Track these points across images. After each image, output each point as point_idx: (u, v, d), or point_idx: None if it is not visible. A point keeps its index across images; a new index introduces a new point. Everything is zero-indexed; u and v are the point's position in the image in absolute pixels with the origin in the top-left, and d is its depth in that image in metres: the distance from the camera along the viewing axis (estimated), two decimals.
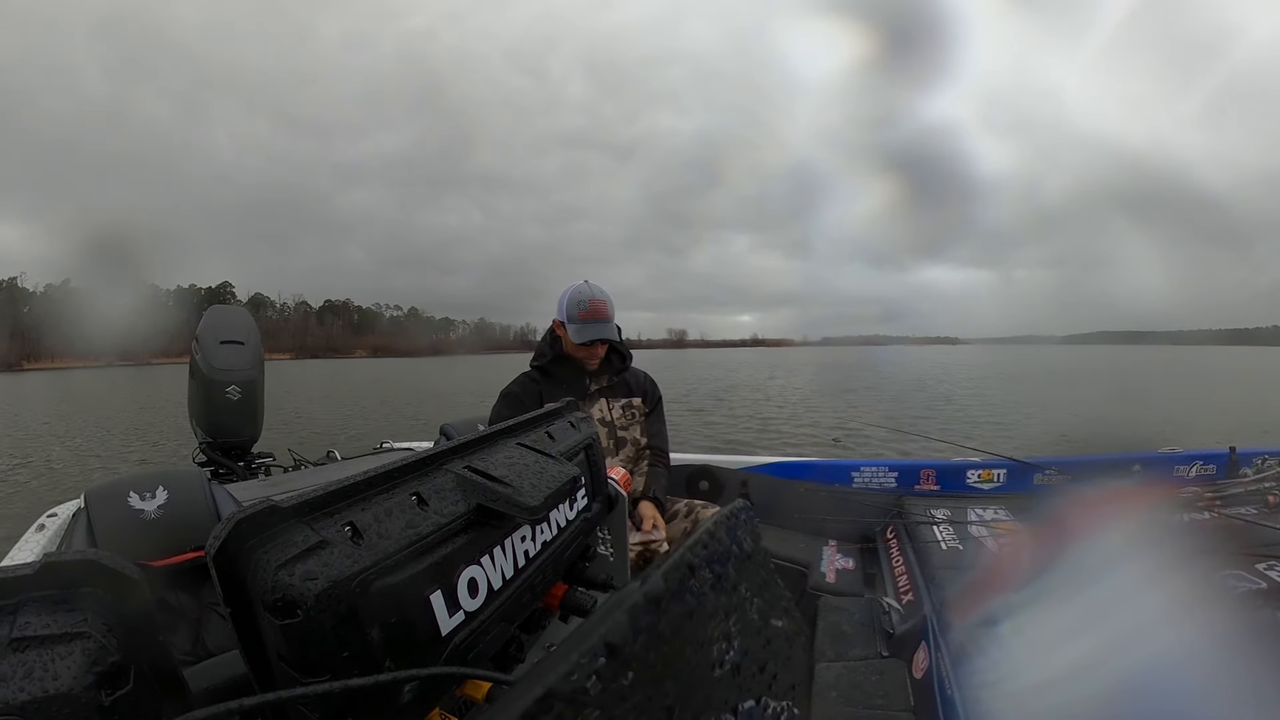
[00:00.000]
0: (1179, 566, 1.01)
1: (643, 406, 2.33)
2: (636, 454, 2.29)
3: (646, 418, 2.34)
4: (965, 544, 2.14)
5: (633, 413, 2.30)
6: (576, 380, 2.24)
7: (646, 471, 2.28)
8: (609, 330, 2.18)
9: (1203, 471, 2.70)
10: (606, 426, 2.25)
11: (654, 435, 2.36)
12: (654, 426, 2.36)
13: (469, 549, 0.60)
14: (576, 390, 2.21)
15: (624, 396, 2.30)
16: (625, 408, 2.29)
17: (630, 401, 2.31)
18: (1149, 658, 0.87)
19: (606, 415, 2.25)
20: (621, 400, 2.29)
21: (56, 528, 2.03)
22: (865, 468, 2.83)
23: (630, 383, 2.34)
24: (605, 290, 2.23)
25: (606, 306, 2.18)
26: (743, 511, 0.54)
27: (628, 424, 2.28)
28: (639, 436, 2.29)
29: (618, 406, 2.27)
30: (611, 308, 2.20)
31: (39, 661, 0.37)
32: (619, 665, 0.33)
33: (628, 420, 2.29)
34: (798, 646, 0.52)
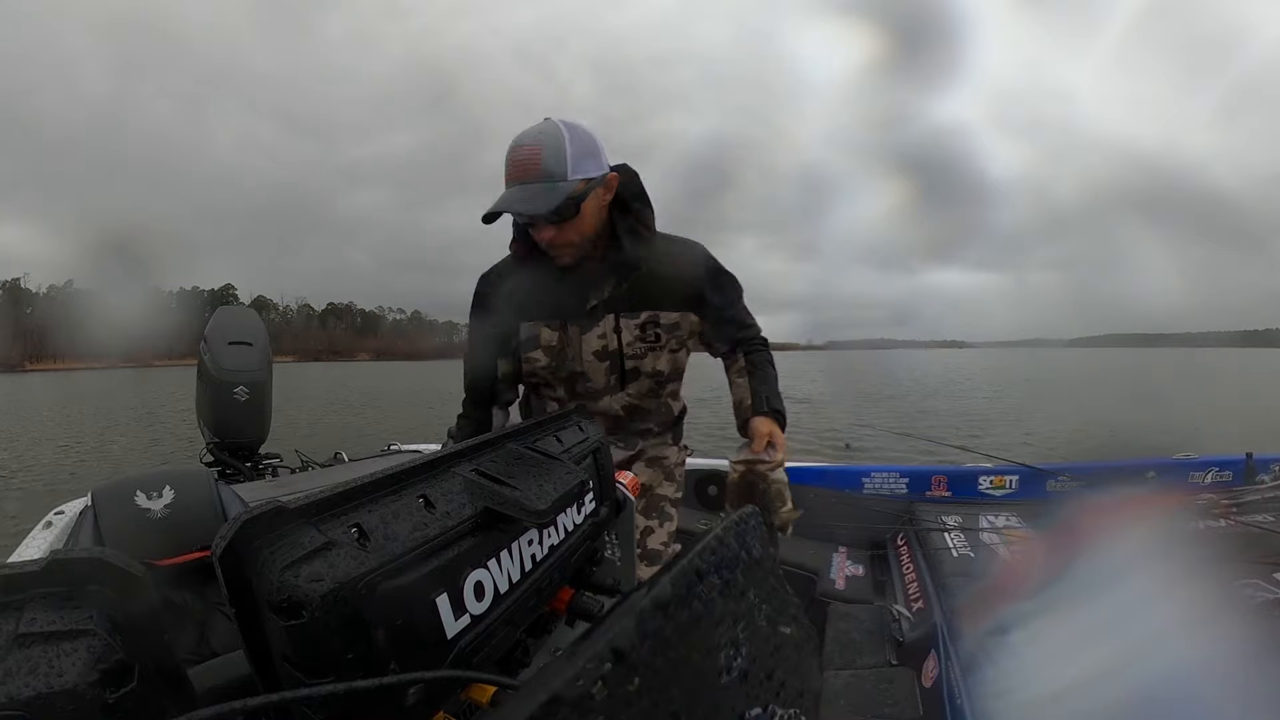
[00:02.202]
0: (1194, 575, 1.00)
1: (687, 321, 1.56)
2: (656, 386, 1.60)
3: (700, 328, 1.59)
4: (977, 551, 2.13)
5: (657, 332, 1.54)
6: (572, 288, 1.51)
7: (747, 371, 1.61)
8: (531, 201, 1.33)
9: (1218, 478, 2.67)
10: (608, 359, 1.54)
11: (732, 323, 1.63)
12: (728, 314, 1.61)
13: (476, 552, 0.60)
14: (569, 299, 1.51)
15: (646, 308, 1.53)
16: (647, 325, 1.53)
17: (657, 316, 1.53)
18: (1163, 668, 0.85)
19: (611, 340, 1.52)
20: (643, 314, 1.53)
21: (63, 525, 2.05)
22: (876, 474, 2.82)
23: (660, 280, 1.52)
24: (561, 129, 1.35)
25: (537, 156, 1.32)
26: (752, 517, 0.53)
27: (646, 350, 1.54)
28: (661, 366, 1.56)
29: (632, 325, 1.53)
30: (558, 157, 1.33)
31: (44, 658, 0.38)
32: (625, 671, 0.32)
33: (648, 344, 1.54)
34: (806, 654, 0.52)
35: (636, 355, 1.55)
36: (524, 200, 1.34)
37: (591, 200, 1.39)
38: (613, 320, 1.52)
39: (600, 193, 1.41)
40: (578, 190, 1.34)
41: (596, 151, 1.40)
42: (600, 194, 1.41)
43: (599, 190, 1.40)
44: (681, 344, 1.59)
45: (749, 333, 1.65)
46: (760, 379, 1.59)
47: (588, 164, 1.36)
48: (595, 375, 1.57)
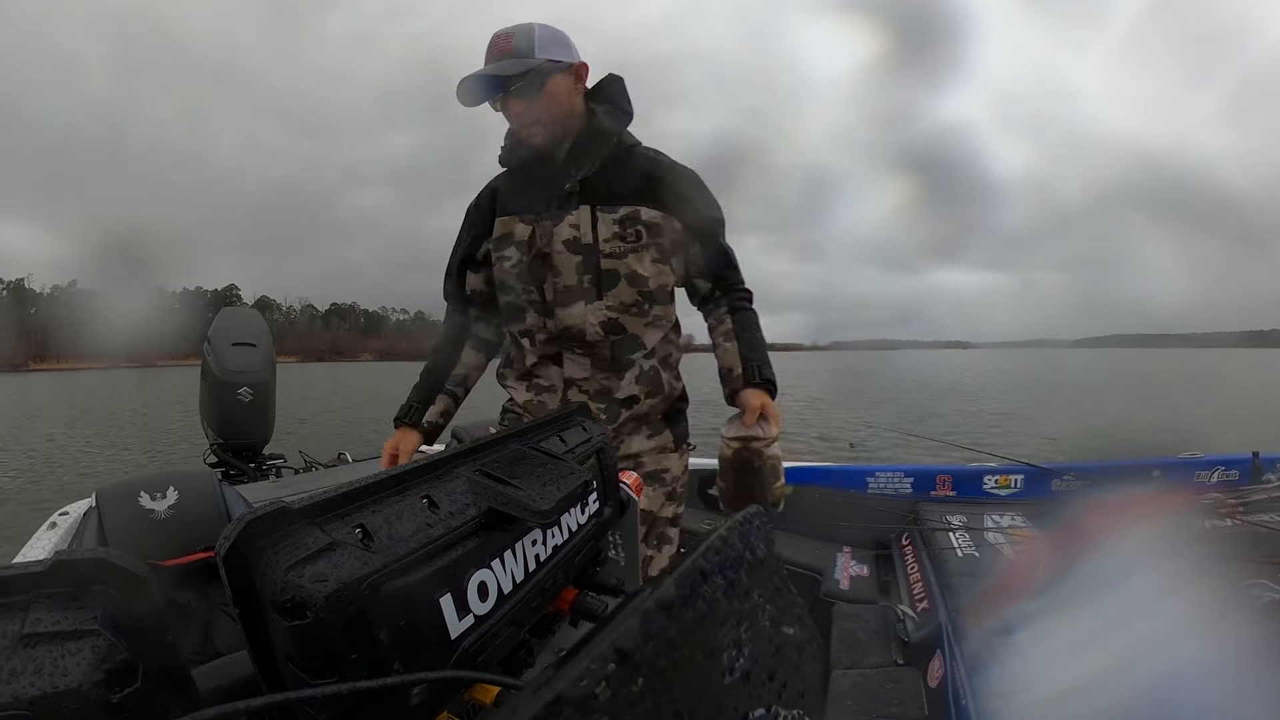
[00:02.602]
0: (1200, 575, 0.99)
1: (671, 227, 1.46)
2: (640, 298, 1.46)
3: (683, 239, 1.49)
4: (982, 551, 2.12)
5: (638, 230, 1.43)
6: (548, 178, 1.45)
7: (734, 335, 1.51)
8: (498, 70, 1.36)
9: (1225, 477, 2.66)
10: (580, 252, 1.43)
11: (719, 253, 1.54)
12: (715, 237, 1.53)
13: (479, 552, 0.60)
14: (545, 191, 1.45)
15: (626, 202, 1.44)
16: (627, 222, 1.43)
17: (638, 211, 1.43)
18: (1169, 668, 0.85)
19: (586, 233, 1.42)
20: (621, 209, 1.43)
21: (68, 526, 2.06)
22: (880, 473, 2.81)
23: (642, 175, 1.46)
24: (533, 22, 1.41)
25: (509, 40, 1.37)
26: (756, 517, 0.53)
27: (626, 250, 1.43)
28: (644, 270, 1.44)
29: (610, 219, 1.43)
30: (527, 40, 1.37)
31: (49, 658, 0.38)
32: (629, 671, 0.32)
33: (628, 243, 1.43)
34: (808, 654, 0.51)
35: (615, 254, 1.43)
36: (492, 71, 1.37)
37: (559, 81, 1.41)
38: (588, 212, 1.43)
39: (568, 78, 1.44)
40: (543, 65, 1.37)
41: (567, 44, 1.43)
42: (569, 79, 1.44)
43: (567, 75, 1.43)
44: (665, 254, 1.47)
45: (736, 276, 1.56)
46: (750, 343, 1.49)
47: (555, 49, 1.40)
48: (566, 269, 1.44)
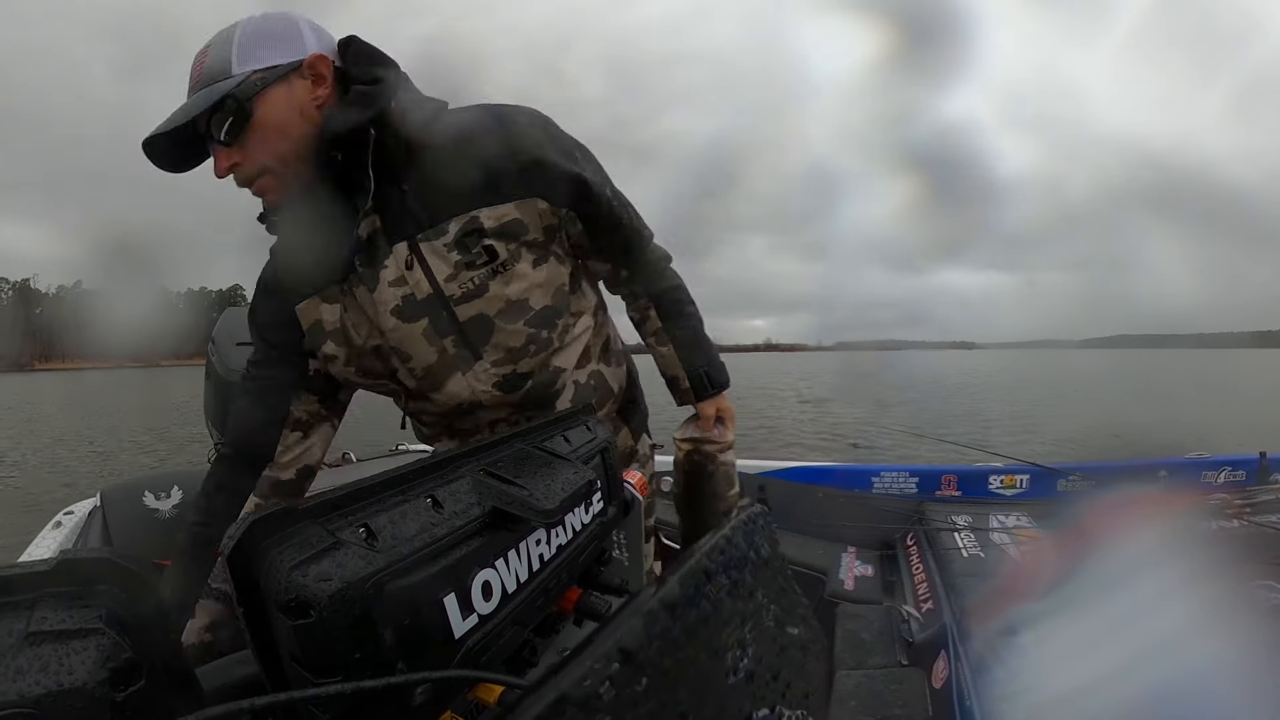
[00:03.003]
0: (1207, 576, 0.99)
1: (533, 212, 1.03)
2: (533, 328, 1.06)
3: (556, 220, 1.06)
4: (987, 551, 2.12)
5: (487, 245, 1.01)
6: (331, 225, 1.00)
7: (669, 336, 1.20)
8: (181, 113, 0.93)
9: (1231, 477, 2.65)
10: (423, 313, 1.02)
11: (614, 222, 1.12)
12: (600, 198, 1.08)
13: (484, 552, 0.60)
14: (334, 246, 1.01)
15: (452, 212, 1.01)
16: (466, 241, 1.00)
17: (475, 218, 1.00)
18: (1175, 670, 0.85)
19: (417, 283, 1.01)
20: (450, 225, 1.00)
21: (73, 525, 2.07)
22: (885, 473, 2.81)
23: (457, 161, 1.00)
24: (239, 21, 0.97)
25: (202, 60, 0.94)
26: (760, 516, 0.53)
27: (484, 279, 1.02)
28: (519, 292, 1.04)
29: (440, 248, 1.00)
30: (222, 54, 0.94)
31: (54, 656, 0.38)
32: (633, 671, 0.32)
33: (482, 268, 1.01)
34: (813, 655, 0.51)
35: (471, 293, 1.01)
36: (167, 124, 0.93)
37: (275, 96, 0.94)
38: (405, 251, 1.00)
39: (291, 86, 0.95)
40: (247, 83, 0.92)
41: (289, 35, 0.96)
42: (292, 87, 0.95)
43: (291, 81, 0.95)
44: (544, 248, 1.06)
45: (638, 242, 1.17)
46: (687, 346, 1.21)
47: (266, 52, 0.94)
48: (414, 345, 1.05)
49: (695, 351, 1.22)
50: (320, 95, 0.97)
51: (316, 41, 0.98)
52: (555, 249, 1.09)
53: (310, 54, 0.96)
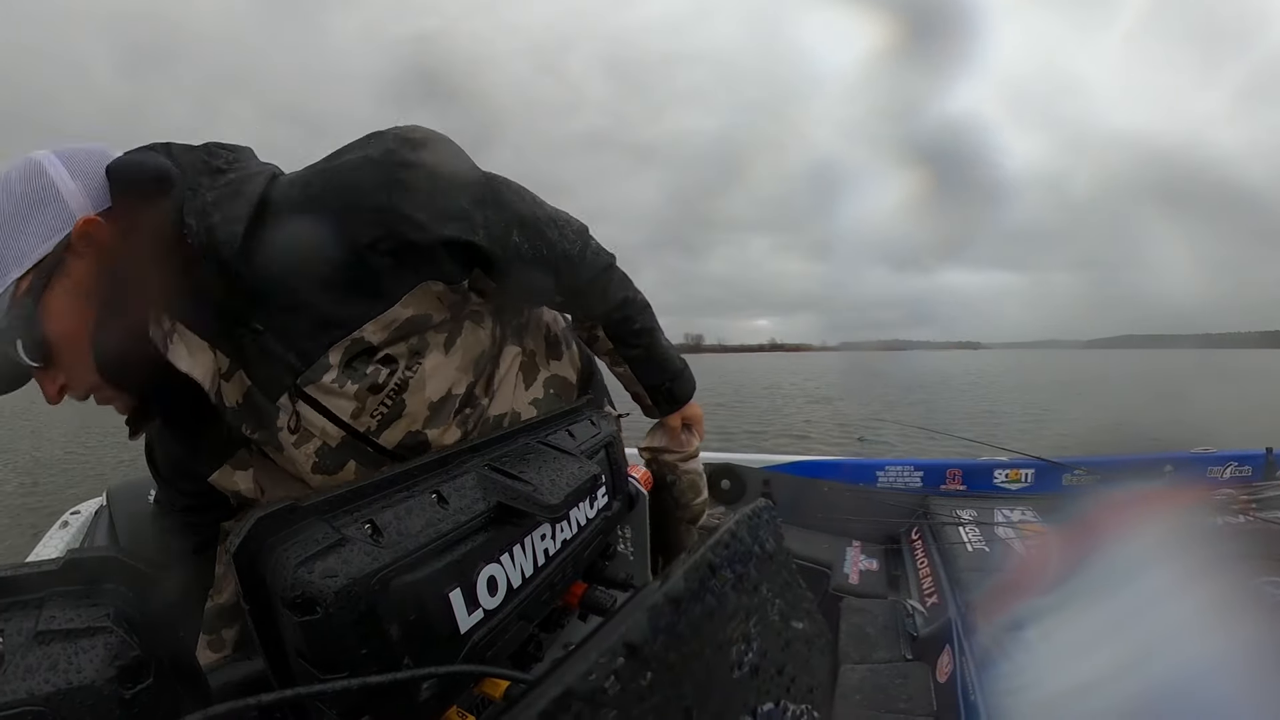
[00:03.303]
0: (1212, 572, 0.99)
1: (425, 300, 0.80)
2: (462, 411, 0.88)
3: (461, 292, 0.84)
4: (992, 546, 2.11)
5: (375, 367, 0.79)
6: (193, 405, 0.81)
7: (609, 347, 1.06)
8: None
9: (1238, 473, 2.64)
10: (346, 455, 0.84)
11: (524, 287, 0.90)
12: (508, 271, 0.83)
13: (489, 547, 0.60)
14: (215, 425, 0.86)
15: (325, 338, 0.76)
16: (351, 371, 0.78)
17: (356, 341, 0.77)
18: (1180, 666, 0.85)
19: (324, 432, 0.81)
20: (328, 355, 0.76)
21: (79, 525, 2.07)
22: (890, 467, 2.80)
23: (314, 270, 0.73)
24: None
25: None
26: (765, 511, 0.53)
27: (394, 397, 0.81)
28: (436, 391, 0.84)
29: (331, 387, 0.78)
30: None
31: (63, 654, 0.38)
32: (638, 665, 0.32)
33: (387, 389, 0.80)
34: (817, 649, 0.51)
35: (386, 416, 0.82)
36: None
37: (58, 298, 0.70)
38: (290, 404, 0.80)
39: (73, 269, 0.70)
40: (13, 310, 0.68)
41: (44, 201, 0.69)
42: (75, 272, 0.70)
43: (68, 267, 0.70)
44: (454, 325, 0.86)
45: (580, 272, 0.94)
46: (643, 363, 1.09)
47: (24, 243, 0.68)
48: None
49: (652, 369, 1.10)
50: (111, 263, 0.72)
51: (83, 191, 0.71)
52: (467, 314, 0.88)
53: (76, 222, 0.69)
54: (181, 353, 0.76)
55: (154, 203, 0.71)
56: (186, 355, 0.76)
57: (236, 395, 0.81)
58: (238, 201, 0.72)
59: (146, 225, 0.71)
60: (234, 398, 0.81)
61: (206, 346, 0.77)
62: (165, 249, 0.71)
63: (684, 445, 1.19)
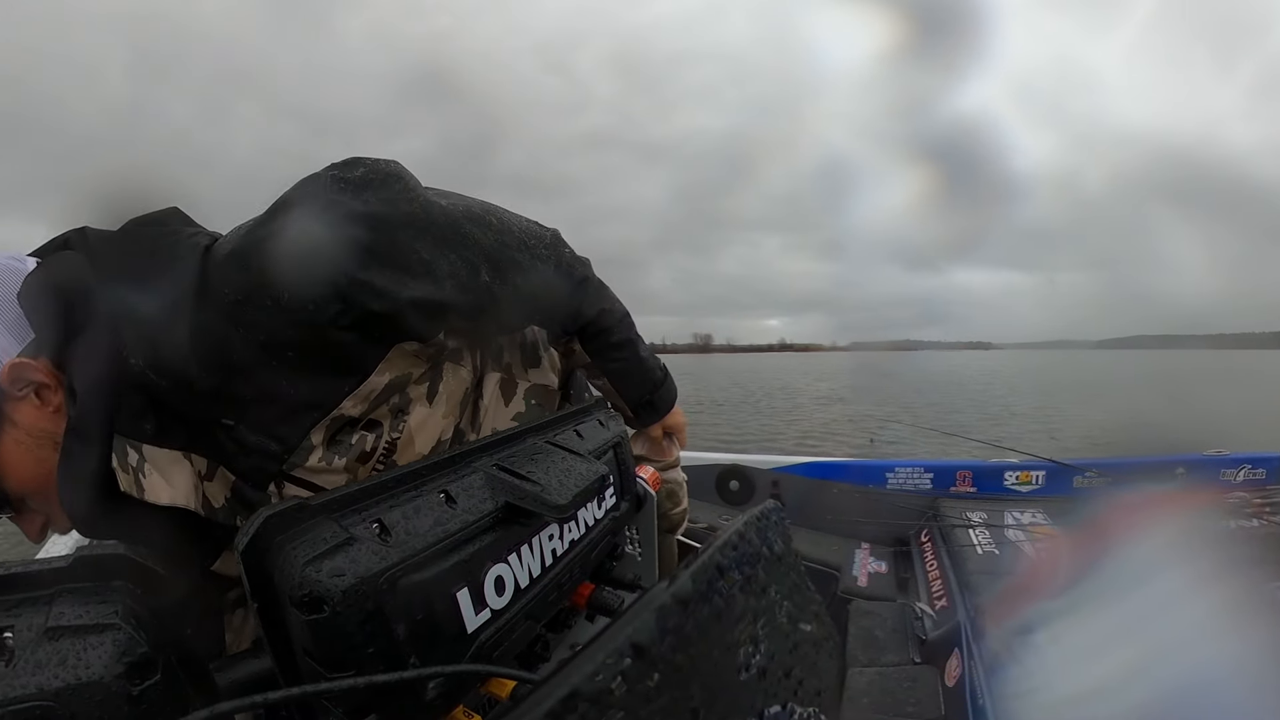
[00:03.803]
0: (1225, 576, 0.98)
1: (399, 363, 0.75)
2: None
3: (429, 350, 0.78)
4: (1002, 548, 2.10)
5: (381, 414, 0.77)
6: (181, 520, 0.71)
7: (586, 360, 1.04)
8: None
9: (1251, 476, 2.61)
10: None
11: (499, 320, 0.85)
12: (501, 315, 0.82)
13: (497, 547, 0.60)
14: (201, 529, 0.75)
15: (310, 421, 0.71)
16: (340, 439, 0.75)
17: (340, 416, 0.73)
18: (1192, 671, 0.84)
19: None
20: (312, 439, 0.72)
21: None
22: (900, 468, 2.79)
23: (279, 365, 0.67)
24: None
25: None
26: (774, 512, 0.53)
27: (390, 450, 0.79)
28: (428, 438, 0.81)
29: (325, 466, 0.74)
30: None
31: (72, 650, 0.39)
32: (645, 666, 0.32)
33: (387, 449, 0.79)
34: (825, 652, 0.51)
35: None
36: None
37: (8, 453, 0.66)
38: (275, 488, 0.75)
39: (17, 413, 0.65)
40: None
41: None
42: (19, 417, 0.65)
43: (12, 419, 0.65)
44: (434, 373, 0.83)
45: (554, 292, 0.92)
46: (622, 376, 1.06)
47: None
48: None
49: (632, 382, 1.07)
50: (55, 401, 0.67)
51: (2, 329, 0.65)
52: (446, 358, 0.84)
53: (1, 368, 0.63)
54: (158, 485, 0.69)
55: (82, 323, 0.66)
56: (165, 486, 0.70)
57: (223, 493, 0.76)
58: (174, 305, 0.65)
59: (82, 351, 0.65)
60: (220, 496, 0.75)
61: (180, 456, 0.71)
62: (108, 370, 0.64)
63: (664, 454, 1.17)
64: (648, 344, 1.09)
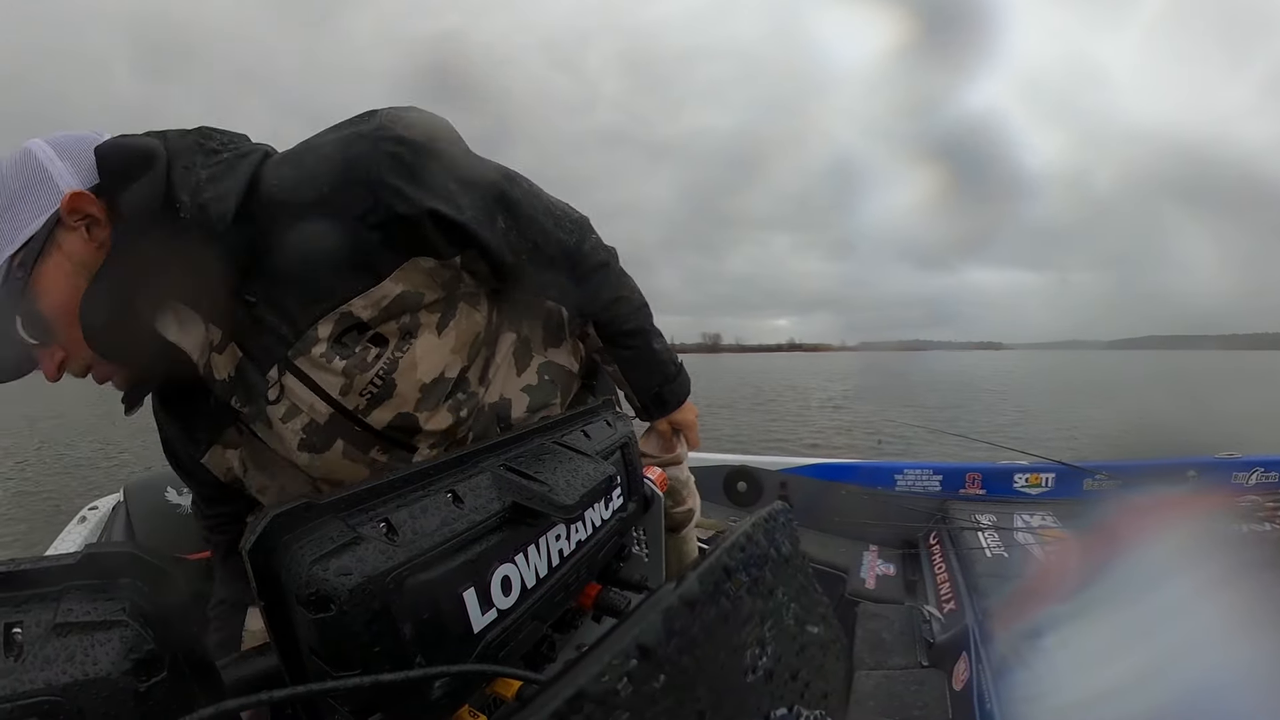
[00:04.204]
0: (1237, 580, 0.97)
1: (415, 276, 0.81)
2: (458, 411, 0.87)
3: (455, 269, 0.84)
4: (1011, 551, 2.09)
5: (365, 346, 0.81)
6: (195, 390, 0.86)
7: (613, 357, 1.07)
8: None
9: (1264, 479, 2.59)
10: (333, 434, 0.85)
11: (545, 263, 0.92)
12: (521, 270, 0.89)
13: (503, 547, 0.60)
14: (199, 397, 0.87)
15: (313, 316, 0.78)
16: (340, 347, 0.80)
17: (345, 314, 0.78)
18: (1202, 676, 0.83)
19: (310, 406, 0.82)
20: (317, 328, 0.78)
21: (97, 520, 2.10)
22: (909, 470, 2.78)
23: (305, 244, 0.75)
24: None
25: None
26: (782, 514, 0.53)
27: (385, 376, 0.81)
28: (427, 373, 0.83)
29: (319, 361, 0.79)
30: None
31: (80, 646, 0.39)
32: (651, 667, 0.32)
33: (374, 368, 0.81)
34: (832, 654, 0.51)
35: (375, 396, 0.83)
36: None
37: (50, 272, 0.73)
38: (277, 375, 0.81)
39: (64, 243, 0.73)
40: (9, 283, 0.72)
41: (33, 184, 0.73)
42: (66, 245, 0.73)
43: (58, 242, 0.73)
44: (448, 305, 0.86)
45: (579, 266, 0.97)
46: (633, 365, 1.07)
47: (13, 224, 0.72)
48: (343, 472, 0.89)
49: (642, 373, 1.08)
50: (101, 237, 0.74)
51: (71, 171, 0.74)
52: (463, 294, 0.87)
53: (64, 196, 0.72)
54: (171, 324, 0.79)
55: (144, 180, 0.73)
56: (177, 327, 0.79)
57: (228, 368, 0.82)
58: (230, 178, 0.75)
59: (136, 200, 0.73)
60: (225, 370, 0.83)
61: (199, 319, 0.80)
62: (155, 223, 0.73)
63: (670, 449, 1.17)
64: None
